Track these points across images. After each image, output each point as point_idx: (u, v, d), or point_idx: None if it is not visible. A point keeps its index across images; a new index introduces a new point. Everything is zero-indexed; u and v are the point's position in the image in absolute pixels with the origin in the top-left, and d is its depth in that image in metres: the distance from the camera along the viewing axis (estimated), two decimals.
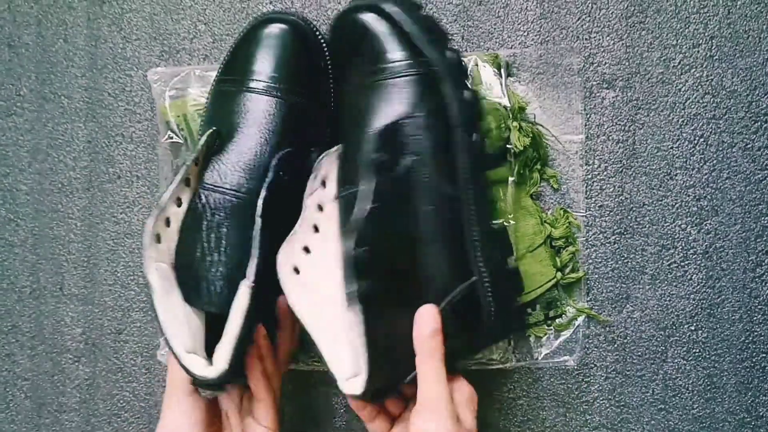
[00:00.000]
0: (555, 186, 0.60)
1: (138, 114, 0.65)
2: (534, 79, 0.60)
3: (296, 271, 0.49)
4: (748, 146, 0.59)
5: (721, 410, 0.59)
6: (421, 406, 0.45)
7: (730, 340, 0.59)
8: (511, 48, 0.61)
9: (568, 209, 0.60)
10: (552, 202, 0.60)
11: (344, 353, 0.46)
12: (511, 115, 0.58)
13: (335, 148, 0.52)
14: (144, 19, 0.65)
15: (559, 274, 0.59)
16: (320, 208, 0.51)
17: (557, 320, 0.59)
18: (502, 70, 0.59)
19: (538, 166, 0.59)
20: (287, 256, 0.49)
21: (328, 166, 0.51)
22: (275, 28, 0.54)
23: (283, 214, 0.50)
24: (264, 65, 0.54)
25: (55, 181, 0.65)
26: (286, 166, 0.51)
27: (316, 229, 0.51)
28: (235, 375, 0.48)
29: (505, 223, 0.57)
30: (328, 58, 0.56)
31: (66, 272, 0.65)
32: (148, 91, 0.64)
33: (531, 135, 0.58)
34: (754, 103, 0.59)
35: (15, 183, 0.66)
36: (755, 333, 0.59)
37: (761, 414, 0.59)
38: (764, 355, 0.59)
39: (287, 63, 0.54)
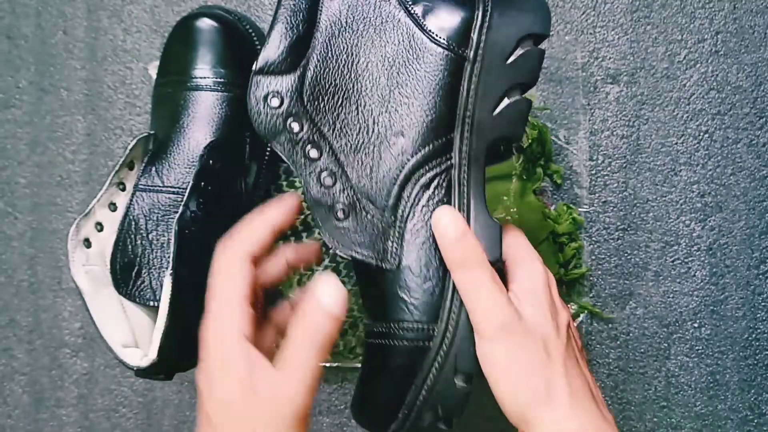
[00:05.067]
0: (558, 181, 0.59)
1: (138, 107, 0.64)
2: None
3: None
4: (753, 142, 0.59)
5: (724, 408, 0.59)
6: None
7: (733, 337, 0.59)
8: None
9: (572, 205, 0.59)
10: (555, 198, 0.60)
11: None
12: None
13: None
14: (144, 11, 0.64)
15: (562, 270, 0.59)
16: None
17: None
18: None
19: (542, 162, 0.59)
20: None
21: None
22: (203, 24, 0.54)
23: (220, 201, 0.52)
24: (199, 61, 0.54)
25: (54, 174, 0.65)
26: (216, 155, 0.52)
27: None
28: (171, 364, 0.50)
29: (507, 218, 0.57)
30: (258, 45, 0.56)
31: (64, 266, 0.65)
32: (148, 84, 0.64)
33: (537, 129, 0.57)
34: (759, 99, 0.59)
35: (13, 176, 0.65)
36: (759, 330, 0.59)
37: (764, 411, 0.59)
38: (767, 352, 0.59)
39: (222, 56, 0.54)
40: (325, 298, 0.37)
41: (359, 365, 0.60)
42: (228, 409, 0.37)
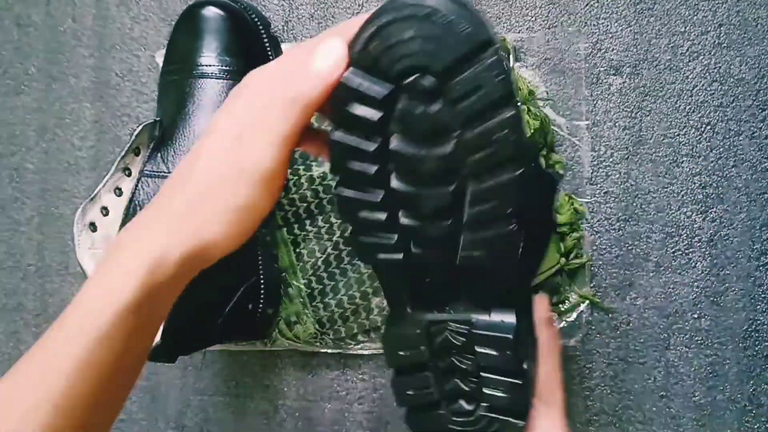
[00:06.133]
0: (560, 172, 0.60)
1: (145, 95, 0.65)
2: (541, 64, 0.60)
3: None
4: (755, 134, 0.59)
5: (723, 398, 0.59)
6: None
7: (733, 328, 0.59)
8: (519, 33, 0.61)
9: (573, 195, 0.60)
10: (557, 188, 0.60)
11: None
12: (520, 100, 0.58)
13: None
14: (152, 0, 0.65)
15: (563, 260, 0.59)
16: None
17: (560, 306, 0.60)
18: (510, 55, 0.59)
19: (544, 152, 0.59)
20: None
21: None
22: (210, 12, 0.55)
23: None
24: (205, 49, 0.55)
25: (62, 160, 0.66)
26: None
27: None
28: (174, 347, 0.51)
29: None
30: (264, 35, 0.57)
31: (71, 251, 0.65)
32: (155, 72, 0.64)
33: (539, 120, 0.58)
34: (761, 92, 0.59)
35: (22, 162, 0.66)
36: (758, 321, 0.59)
37: (762, 402, 0.59)
38: (767, 343, 0.59)
39: (228, 45, 0.55)
40: (319, 60, 0.36)
41: (361, 352, 0.61)
42: (220, 141, 0.38)
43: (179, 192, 0.38)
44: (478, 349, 0.40)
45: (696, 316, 0.59)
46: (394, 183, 0.38)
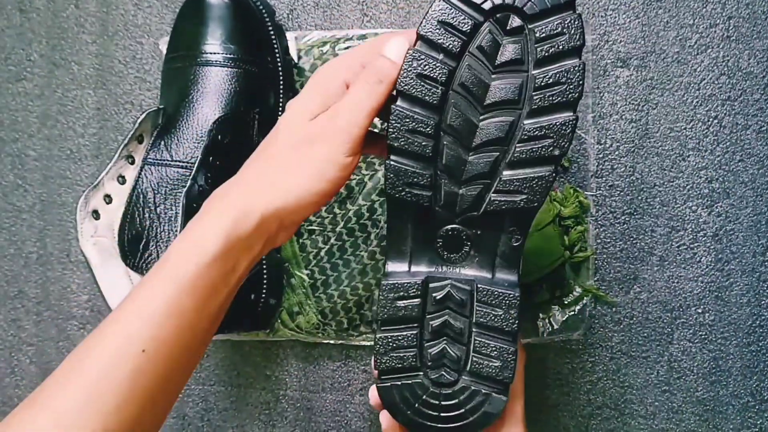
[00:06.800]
0: (566, 164, 0.59)
1: (148, 82, 0.64)
2: None
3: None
4: (763, 129, 0.59)
5: (726, 393, 0.59)
6: None
7: (737, 323, 0.59)
8: None
9: (579, 188, 0.59)
10: (562, 181, 0.60)
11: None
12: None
13: None
14: None
15: (567, 253, 0.59)
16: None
17: (564, 299, 0.59)
18: None
19: None
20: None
21: None
22: (214, 0, 0.54)
23: (228, 176, 0.53)
24: (209, 37, 0.55)
25: (64, 148, 0.65)
26: (224, 130, 0.53)
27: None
28: None
29: None
30: (268, 23, 0.57)
31: (73, 239, 0.65)
32: (159, 59, 0.64)
33: None
34: None
35: (24, 149, 0.66)
36: (762, 317, 0.59)
37: (766, 398, 0.59)
38: None
39: (232, 32, 0.55)
40: (389, 49, 0.41)
41: (363, 343, 0.61)
42: (302, 114, 0.41)
43: (264, 155, 0.41)
44: (479, 308, 0.41)
45: (700, 310, 0.59)
46: (451, 111, 0.40)
